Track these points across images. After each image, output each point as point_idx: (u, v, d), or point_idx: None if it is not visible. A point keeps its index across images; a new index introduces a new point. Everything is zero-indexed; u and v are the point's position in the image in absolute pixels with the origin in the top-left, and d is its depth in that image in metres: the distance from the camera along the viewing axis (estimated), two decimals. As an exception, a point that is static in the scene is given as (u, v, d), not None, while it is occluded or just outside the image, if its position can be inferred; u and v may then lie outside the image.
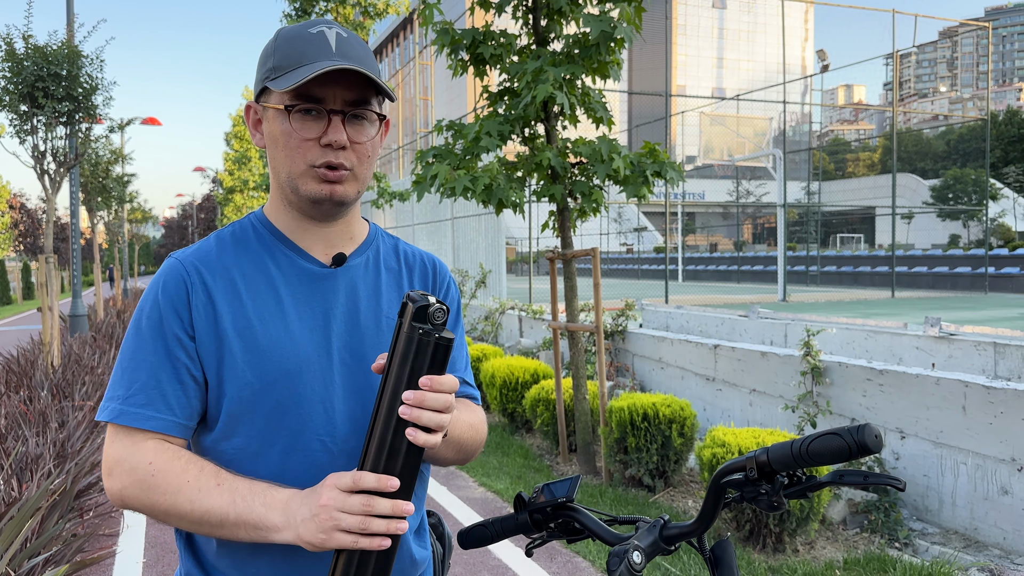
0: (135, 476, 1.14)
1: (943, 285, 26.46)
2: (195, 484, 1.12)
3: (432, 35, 5.74)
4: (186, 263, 1.24)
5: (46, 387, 7.04)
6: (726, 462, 1.07)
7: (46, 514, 3.93)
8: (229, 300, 1.22)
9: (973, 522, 4.56)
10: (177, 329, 1.19)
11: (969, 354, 6.71)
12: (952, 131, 67.63)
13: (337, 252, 1.30)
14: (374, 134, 1.24)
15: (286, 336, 1.21)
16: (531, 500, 1.32)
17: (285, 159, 1.21)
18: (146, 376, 1.18)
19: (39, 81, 8.19)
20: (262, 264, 1.26)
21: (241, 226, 1.31)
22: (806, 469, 1.03)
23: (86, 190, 18.25)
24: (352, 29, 14.43)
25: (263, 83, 1.22)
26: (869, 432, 0.93)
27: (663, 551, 1.15)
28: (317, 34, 1.20)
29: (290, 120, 1.19)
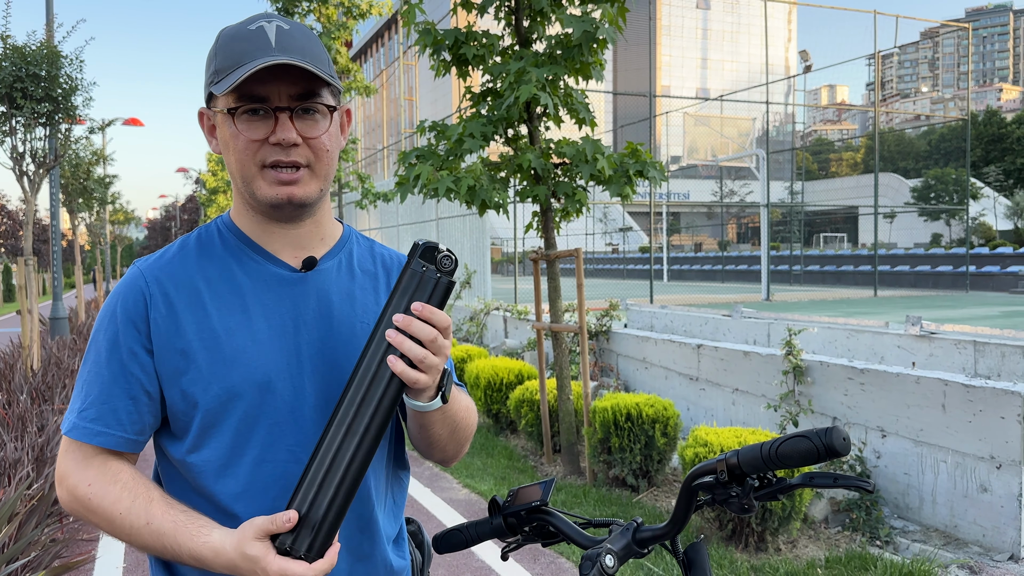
0: (75, 495, 1.16)
1: (925, 284, 26.70)
2: (126, 518, 1.12)
3: (415, 35, 5.73)
4: (147, 273, 1.21)
5: (25, 391, 6.97)
6: (696, 465, 1.07)
7: (24, 519, 3.88)
8: (193, 310, 1.18)
9: (953, 520, 4.59)
10: (133, 344, 1.17)
11: (949, 352, 6.77)
12: (933, 131, 68.26)
13: (307, 255, 1.25)
14: (327, 127, 1.19)
15: (253, 346, 1.18)
16: (505, 504, 1.32)
17: (237, 163, 1.18)
18: (98, 391, 1.17)
19: (17, 82, 8.11)
20: (228, 271, 1.22)
21: (207, 231, 1.28)
22: (776, 471, 1.03)
23: (67, 191, 18.10)
24: (335, 29, 14.39)
25: (208, 88, 1.18)
26: (837, 435, 0.93)
27: (636, 554, 1.15)
28: (256, 30, 1.15)
29: (235, 122, 1.15)
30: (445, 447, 1.27)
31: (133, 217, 42.47)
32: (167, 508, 1.13)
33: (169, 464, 1.23)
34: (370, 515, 1.25)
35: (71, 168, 17.66)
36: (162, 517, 1.11)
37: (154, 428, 1.21)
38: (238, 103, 1.14)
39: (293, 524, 1.04)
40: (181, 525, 1.10)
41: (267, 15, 1.19)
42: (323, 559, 1.05)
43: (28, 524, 3.86)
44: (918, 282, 27.02)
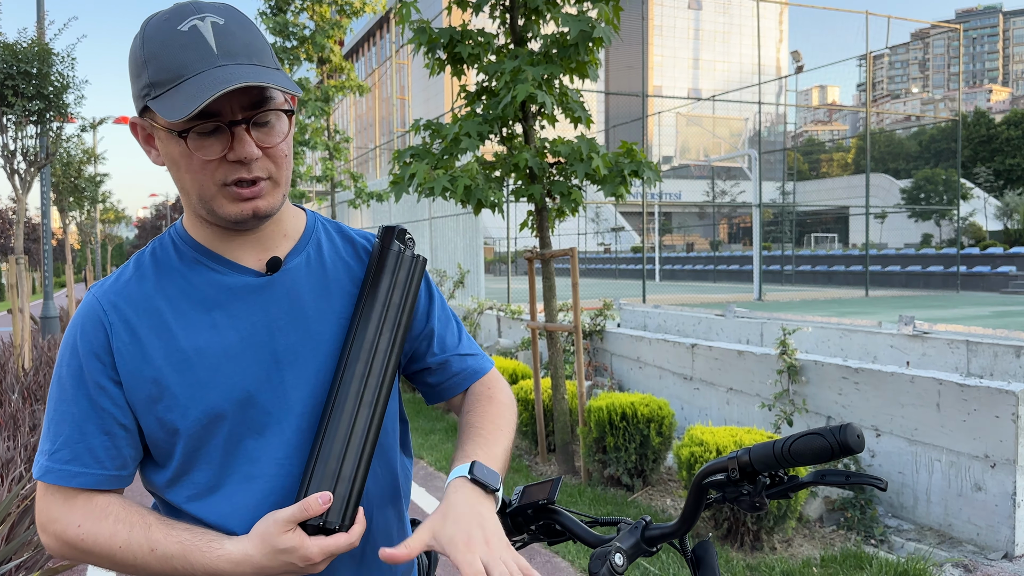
0: (66, 539, 1.09)
1: (916, 284, 26.83)
2: (128, 550, 1.06)
3: (409, 34, 5.72)
4: (104, 301, 1.13)
5: (17, 390, 6.92)
6: (707, 463, 1.07)
7: (17, 520, 3.85)
8: (157, 334, 1.11)
9: (948, 518, 4.61)
10: (99, 377, 1.10)
11: (942, 352, 6.80)
12: (924, 132, 68.61)
13: (270, 256, 1.17)
14: (285, 131, 1.10)
15: (227, 362, 1.11)
16: (512, 502, 1.31)
17: (192, 182, 1.07)
18: (70, 429, 1.09)
19: (8, 79, 8.06)
20: (189, 285, 1.14)
21: (162, 244, 1.19)
22: (788, 469, 1.03)
23: (58, 190, 18.00)
24: (329, 28, 14.35)
25: (143, 100, 1.05)
26: (851, 432, 0.93)
27: (645, 552, 1.15)
28: (189, 31, 1.01)
29: (187, 144, 1.04)
30: None
31: (124, 216, 42.30)
32: (168, 530, 1.07)
33: (156, 492, 1.17)
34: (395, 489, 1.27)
35: (62, 167, 17.57)
36: (166, 541, 1.06)
37: (137, 460, 1.14)
38: (188, 124, 1.02)
39: (329, 504, 1.03)
40: (188, 544, 1.06)
41: (197, 6, 1.04)
42: (357, 523, 1.06)
43: (21, 525, 3.83)
44: (909, 282, 27.16)
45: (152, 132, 1.09)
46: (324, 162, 15.30)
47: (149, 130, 1.10)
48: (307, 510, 1.02)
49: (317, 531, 1.04)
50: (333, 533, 1.04)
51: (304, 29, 14.60)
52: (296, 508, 1.02)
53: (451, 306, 10.71)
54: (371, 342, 1.13)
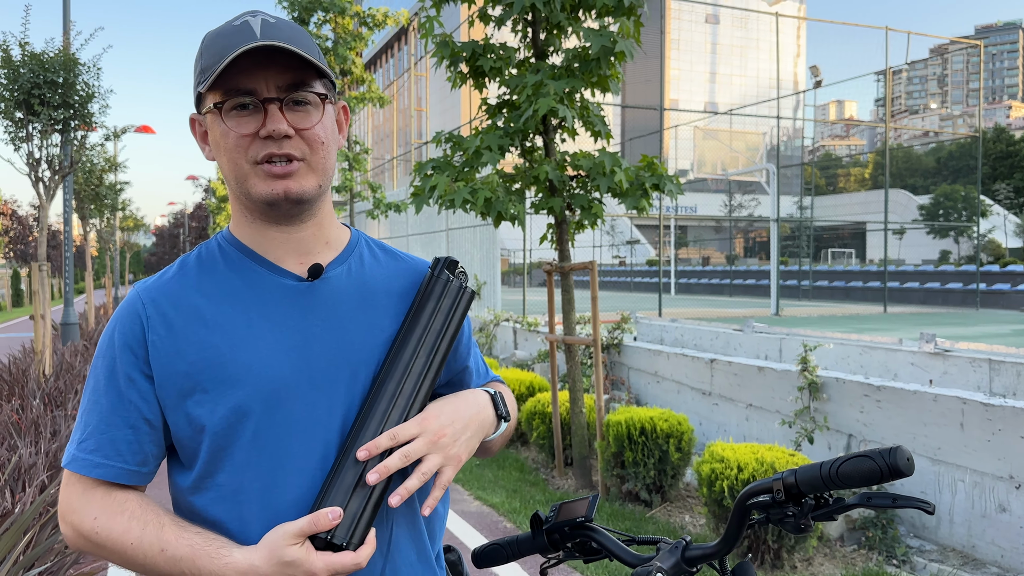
0: (82, 531, 1.11)
1: (934, 301, 26.60)
2: (139, 548, 1.07)
3: (431, 47, 5.75)
4: (144, 296, 1.15)
5: (38, 396, 6.98)
6: (750, 484, 1.06)
7: (40, 527, 3.88)
8: (193, 329, 1.12)
9: (971, 539, 4.55)
10: (130, 370, 1.12)
11: (964, 370, 6.73)
12: (942, 148, 68.20)
13: (312, 262, 1.18)
14: (320, 117, 1.12)
15: (258, 361, 1.11)
16: (548, 519, 1.31)
17: (228, 162, 1.11)
18: (97, 420, 1.12)
19: (35, 88, 8.17)
20: (229, 284, 1.16)
21: (207, 247, 1.22)
22: (834, 491, 1.02)
23: (79, 198, 18.20)
24: (351, 40, 14.44)
25: (196, 90, 1.13)
26: (902, 455, 0.92)
27: (685, 572, 1.14)
28: (240, 24, 1.10)
29: (223, 119, 1.09)
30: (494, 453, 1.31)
31: (142, 224, 42.69)
32: (181, 532, 1.08)
33: (180, 494, 1.17)
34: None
35: (84, 175, 17.76)
36: (176, 542, 1.06)
37: (159, 459, 1.16)
38: (224, 98, 1.08)
39: (339, 521, 1.02)
40: (199, 548, 1.06)
41: (252, 12, 1.13)
42: (365, 544, 1.05)
43: (45, 531, 3.85)
44: (928, 299, 26.93)
45: (205, 126, 1.15)
46: (343, 172, 15.39)
47: (204, 125, 1.15)
48: (316, 524, 1.02)
49: (325, 546, 1.03)
50: (341, 550, 1.03)
51: (326, 41, 14.72)
52: (306, 521, 1.02)
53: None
54: (406, 364, 1.13)
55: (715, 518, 4.50)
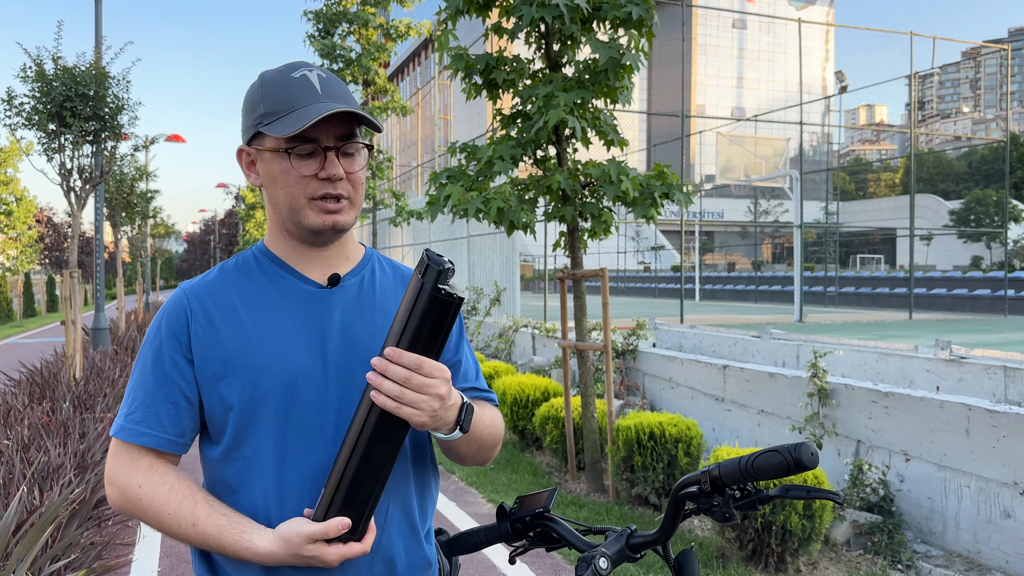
0: (126, 495, 1.30)
1: (962, 307, 26.24)
2: (174, 519, 1.27)
3: (447, 59, 5.89)
4: (189, 292, 1.36)
5: (68, 399, 7.21)
6: (684, 476, 1.16)
7: (65, 522, 4.06)
8: (229, 321, 1.32)
9: (976, 545, 4.58)
10: (175, 354, 1.31)
11: (979, 377, 6.71)
12: (974, 152, 67.21)
13: (332, 273, 1.39)
14: (363, 163, 1.36)
15: (283, 352, 1.31)
16: (512, 510, 1.42)
17: (286, 196, 1.32)
18: (143, 396, 1.31)
19: (67, 101, 8.43)
20: (263, 288, 1.36)
21: (244, 257, 1.43)
22: (755, 483, 1.12)
23: (111, 206, 18.61)
24: (374, 51, 14.66)
25: (255, 128, 1.32)
26: (805, 450, 1.02)
27: (629, 558, 1.24)
28: (300, 78, 1.30)
29: (291, 161, 1.29)
30: (473, 460, 1.43)
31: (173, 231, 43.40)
32: (211, 510, 1.26)
33: (209, 465, 1.36)
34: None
35: (115, 183, 18.17)
36: (207, 520, 1.25)
37: (194, 433, 1.35)
38: (293, 143, 1.28)
39: (347, 530, 1.22)
40: (225, 529, 1.25)
41: (305, 64, 1.34)
42: (369, 532, 1.26)
43: (69, 527, 4.03)
44: (955, 305, 26.58)
45: (256, 158, 1.35)
46: (367, 181, 15.62)
47: (254, 156, 1.36)
48: (327, 532, 1.21)
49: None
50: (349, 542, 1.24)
51: (351, 52, 14.96)
52: (319, 529, 1.21)
53: (487, 323, 10.83)
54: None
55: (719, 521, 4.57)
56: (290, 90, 1.29)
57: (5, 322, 28.91)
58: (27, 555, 3.21)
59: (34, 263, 29.48)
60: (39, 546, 3.29)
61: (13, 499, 3.81)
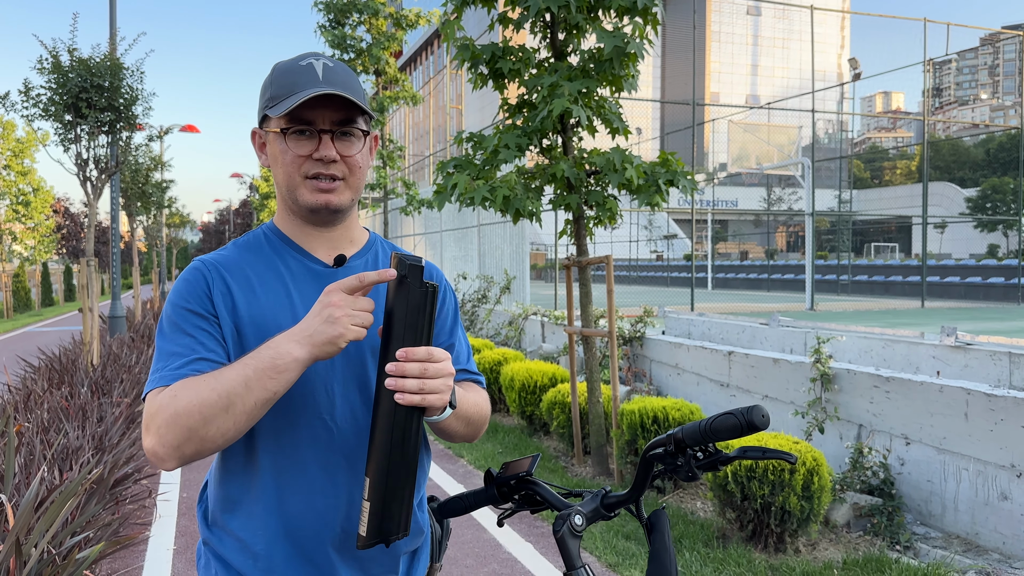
0: (167, 413, 1.23)
1: (975, 295, 26.11)
2: (211, 377, 1.24)
3: (454, 50, 5.97)
4: (208, 262, 1.44)
5: (86, 384, 7.38)
6: (653, 440, 1.26)
7: (84, 500, 4.20)
8: (245, 293, 1.40)
9: (974, 527, 4.65)
10: (202, 310, 1.37)
11: (984, 364, 6.75)
12: (992, 139, 66.52)
13: (338, 254, 1.48)
14: (360, 148, 1.43)
15: (292, 323, 1.35)
16: (498, 475, 1.52)
17: (284, 174, 1.42)
18: (181, 350, 1.32)
19: (83, 92, 8.57)
20: (273, 265, 1.45)
21: (254, 235, 1.52)
22: (715, 445, 1.21)
23: (126, 196, 18.82)
24: (384, 40, 14.72)
25: (264, 111, 1.43)
26: (757, 412, 1.11)
27: (603, 516, 1.34)
28: (306, 66, 1.40)
29: (286, 140, 1.39)
30: (462, 436, 1.50)
31: (188, 220, 43.73)
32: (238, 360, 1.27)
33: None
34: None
35: (131, 173, 18.37)
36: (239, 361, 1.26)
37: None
38: (289, 124, 1.38)
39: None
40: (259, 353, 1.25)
41: (316, 55, 1.43)
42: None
43: (88, 504, 4.17)
44: (968, 293, 26.44)
45: (264, 139, 1.45)
46: (378, 170, 15.72)
47: (263, 138, 1.46)
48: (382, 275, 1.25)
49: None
50: None
51: (361, 42, 15.04)
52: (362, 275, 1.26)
53: (497, 311, 10.89)
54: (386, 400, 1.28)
55: (721, 503, 4.66)
56: (294, 76, 1.39)
57: (24, 311, 29.29)
58: (48, 530, 3.34)
59: (52, 253, 29.82)
60: (59, 521, 3.43)
61: (35, 478, 3.95)
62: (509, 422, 8.06)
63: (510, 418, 8.23)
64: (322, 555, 1.39)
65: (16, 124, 27.15)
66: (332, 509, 1.39)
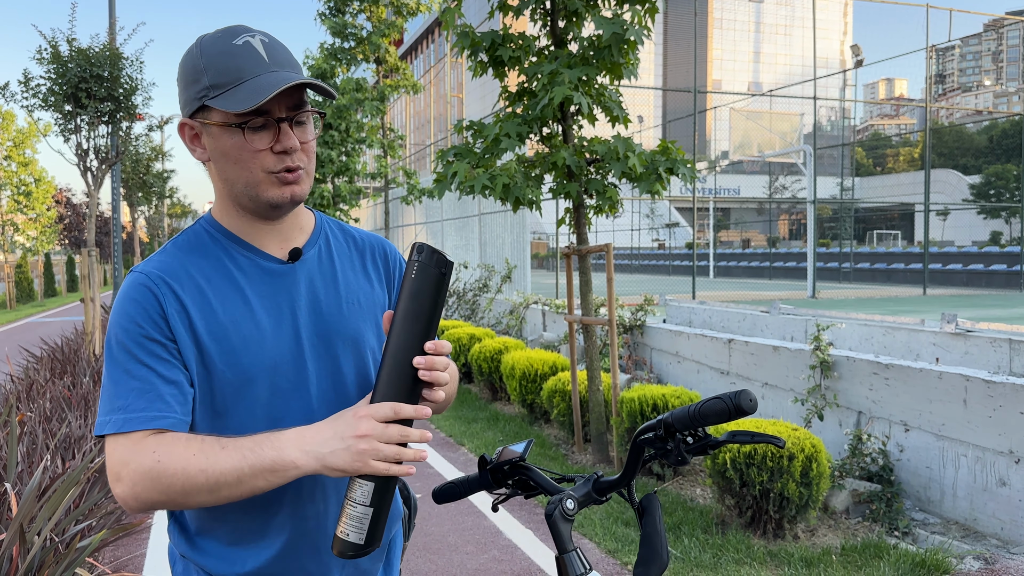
0: (143, 470, 1.16)
1: (977, 283, 26.09)
2: (201, 455, 1.16)
3: (454, 38, 5.96)
4: (151, 275, 1.28)
5: (88, 374, 7.41)
6: (643, 424, 1.27)
7: (86, 488, 4.23)
8: (199, 306, 1.28)
9: (973, 513, 4.67)
10: (157, 335, 1.24)
11: (985, 350, 6.76)
12: (995, 126, 66.30)
13: (292, 247, 1.38)
14: (315, 131, 1.33)
15: (258, 334, 1.29)
16: (492, 460, 1.53)
17: (240, 171, 1.26)
18: (141, 384, 1.21)
19: (82, 82, 8.57)
20: (222, 267, 1.32)
21: (195, 233, 1.37)
22: (705, 429, 1.22)
23: (127, 186, 18.83)
24: (385, 28, 14.68)
25: (199, 101, 1.24)
26: (744, 396, 1.12)
27: (595, 500, 1.35)
28: (243, 45, 1.24)
29: (244, 135, 1.23)
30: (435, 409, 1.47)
31: (190, 210, 43.74)
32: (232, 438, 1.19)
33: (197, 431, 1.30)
34: None
35: (131, 164, 18.36)
36: (234, 438, 1.18)
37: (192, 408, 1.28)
38: (244, 117, 1.22)
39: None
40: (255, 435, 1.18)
41: (247, 29, 1.27)
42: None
43: (91, 492, 4.21)
44: (970, 281, 26.42)
45: (201, 131, 1.28)
46: (379, 160, 15.71)
47: (198, 130, 1.29)
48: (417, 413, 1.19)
49: None
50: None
51: (361, 30, 15.01)
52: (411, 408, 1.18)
53: (498, 300, 10.91)
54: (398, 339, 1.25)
55: (720, 489, 4.68)
56: (235, 59, 1.22)
57: (27, 302, 29.36)
58: (51, 517, 3.37)
59: (54, 244, 29.85)
60: (62, 509, 3.46)
61: (38, 467, 3.98)
62: (510, 410, 8.09)
63: (511, 406, 8.26)
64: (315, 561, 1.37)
65: (16, 115, 27.15)
66: (322, 514, 1.37)
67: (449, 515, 5.00)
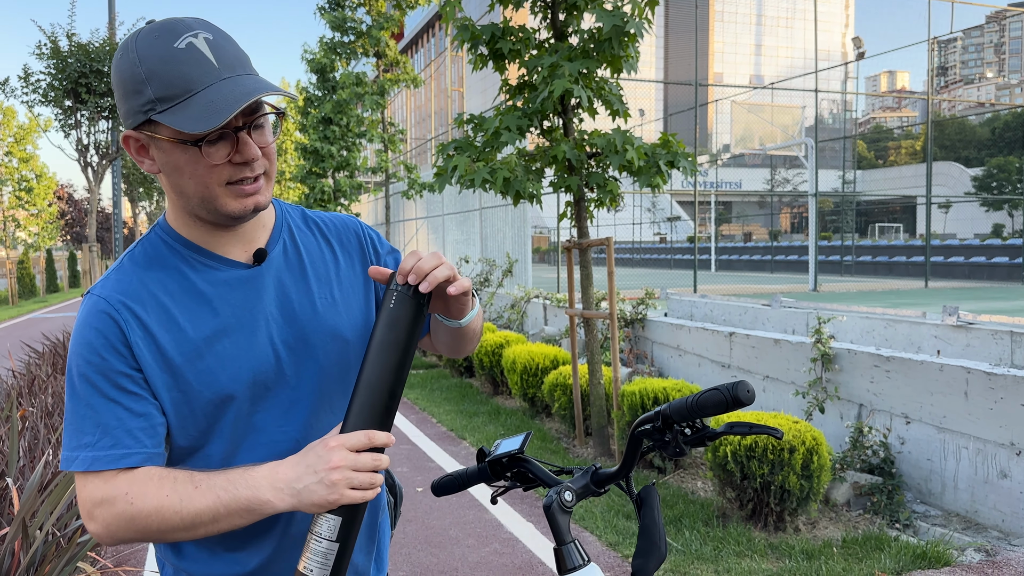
0: (115, 511, 1.13)
1: (979, 275, 26.07)
2: (174, 495, 1.13)
3: (454, 31, 5.95)
4: (111, 299, 1.20)
5: (90, 369, 7.41)
6: (641, 416, 1.27)
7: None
8: (167, 327, 1.20)
9: (974, 505, 4.67)
10: (122, 367, 1.17)
11: (986, 343, 6.76)
12: (998, 118, 66.13)
13: (256, 248, 1.29)
14: (274, 133, 1.23)
15: (232, 348, 1.23)
16: (490, 453, 1.53)
17: (196, 185, 1.17)
18: (107, 418, 1.16)
19: (82, 77, 8.56)
20: (185, 280, 1.24)
21: (151, 243, 1.28)
22: (703, 421, 1.22)
23: (128, 181, 18.83)
24: (384, 21, 14.63)
25: (145, 115, 1.13)
26: (742, 387, 1.12)
27: (593, 492, 1.35)
28: (187, 48, 1.11)
29: (200, 150, 1.13)
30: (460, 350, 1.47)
31: (191, 206, 43.72)
32: (207, 471, 1.17)
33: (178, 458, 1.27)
34: None
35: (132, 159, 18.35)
36: (207, 475, 1.15)
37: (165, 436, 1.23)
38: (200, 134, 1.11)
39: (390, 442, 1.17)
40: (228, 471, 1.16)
41: (188, 27, 1.13)
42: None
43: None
44: (972, 273, 26.40)
45: (148, 144, 1.17)
46: (379, 154, 15.70)
47: (145, 142, 1.18)
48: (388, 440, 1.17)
49: None
50: None
51: (361, 24, 14.98)
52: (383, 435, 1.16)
53: (499, 294, 10.89)
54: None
55: (721, 482, 4.69)
56: (181, 67, 1.10)
57: (29, 298, 29.40)
58: (53, 512, 3.38)
59: (55, 239, 29.88)
60: (63, 504, 3.47)
61: (39, 462, 3.99)
62: (511, 404, 8.09)
63: (512, 400, 8.26)
64: None
65: (16, 111, 27.14)
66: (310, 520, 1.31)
67: (451, 508, 5.01)
